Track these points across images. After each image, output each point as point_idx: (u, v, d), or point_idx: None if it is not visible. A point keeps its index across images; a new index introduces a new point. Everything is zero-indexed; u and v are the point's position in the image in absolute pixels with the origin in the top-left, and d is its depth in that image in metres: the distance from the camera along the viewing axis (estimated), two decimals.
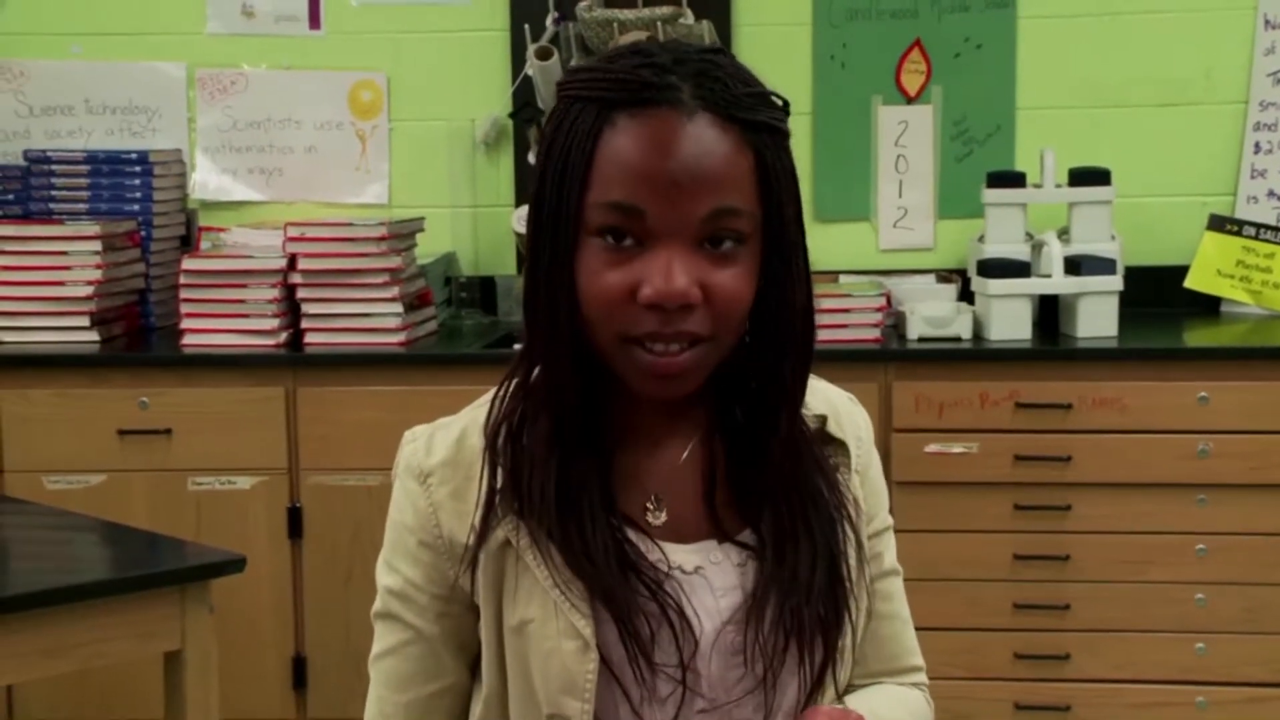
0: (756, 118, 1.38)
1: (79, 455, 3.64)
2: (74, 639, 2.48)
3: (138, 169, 4.04)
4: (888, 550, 1.63)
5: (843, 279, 3.94)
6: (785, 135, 1.42)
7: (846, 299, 3.62)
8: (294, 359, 3.65)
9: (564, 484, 1.44)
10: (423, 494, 1.50)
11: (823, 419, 1.55)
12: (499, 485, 1.46)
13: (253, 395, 3.61)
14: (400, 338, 3.68)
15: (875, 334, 3.61)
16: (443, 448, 1.51)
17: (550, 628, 1.44)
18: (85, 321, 3.78)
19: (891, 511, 1.64)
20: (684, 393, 1.42)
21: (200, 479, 3.63)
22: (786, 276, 1.42)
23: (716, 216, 1.36)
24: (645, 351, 1.38)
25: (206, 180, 4.28)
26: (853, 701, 1.53)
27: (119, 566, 2.73)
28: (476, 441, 1.50)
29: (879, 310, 3.63)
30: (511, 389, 1.49)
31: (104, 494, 3.61)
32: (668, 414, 1.49)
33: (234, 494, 3.62)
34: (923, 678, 1.67)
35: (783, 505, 1.47)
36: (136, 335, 3.95)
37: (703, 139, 1.36)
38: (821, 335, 3.43)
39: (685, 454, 1.50)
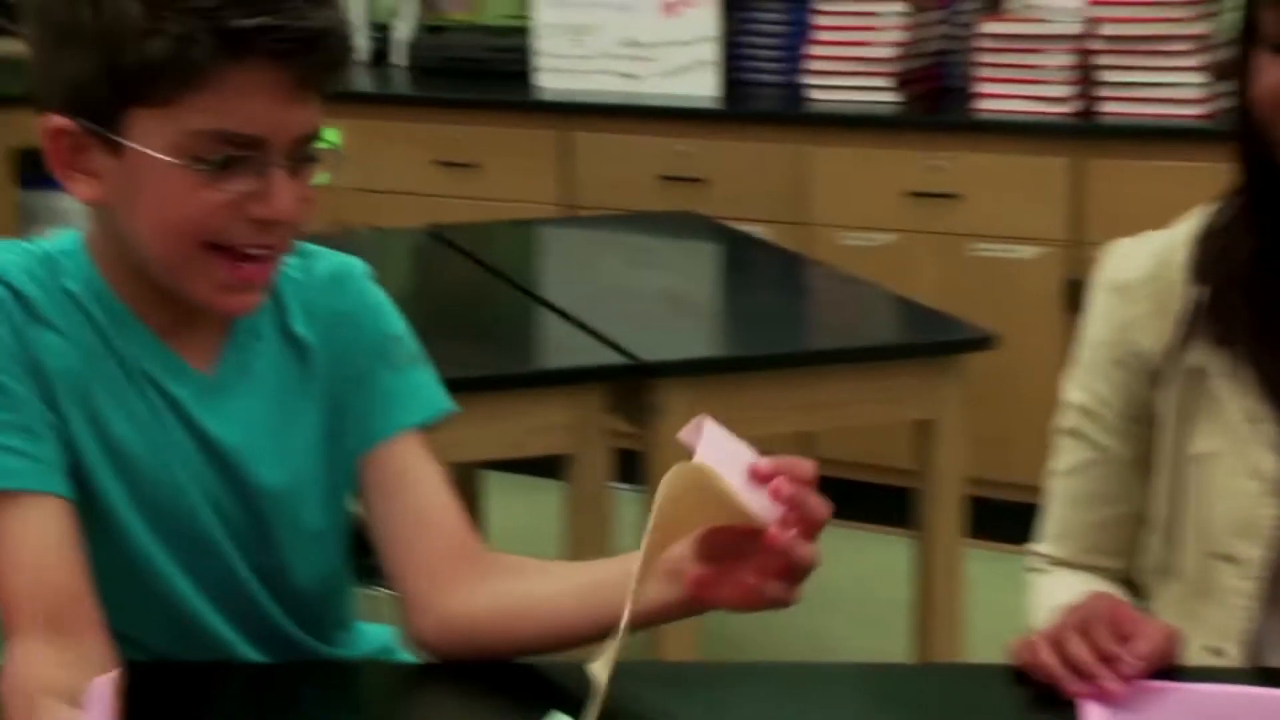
0: None
1: (873, 215, 3.74)
2: (832, 399, 2.59)
3: None
4: None
5: None
6: None
7: None
8: (1085, 128, 3.56)
9: (1266, 310, 1.36)
10: (1119, 308, 1.48)
11: None
12: (1201, 305, 1.40)
13: (1039, 165, 3.57)
14: (1200, 109, 3.50)
15: None
16: (1145, 262, 1.47)
17: (1233, 464, 1.39)
18: (888, 82, 3.85)
19: None
20: None
21: (982, 246, 3.64)
22: None
23: None
24: None
25: None
26: None
27: (881, 334, 2.81)
28: (1181, 257, 1.44)
29: None
30: (1229, 206, 1.42)
31: (891, 254, 3.69)
32: None
33: (1013, 263, 3.61)
34: None
35: None
36: (934, 96, 3.98)
37: None
38: None
39: None
